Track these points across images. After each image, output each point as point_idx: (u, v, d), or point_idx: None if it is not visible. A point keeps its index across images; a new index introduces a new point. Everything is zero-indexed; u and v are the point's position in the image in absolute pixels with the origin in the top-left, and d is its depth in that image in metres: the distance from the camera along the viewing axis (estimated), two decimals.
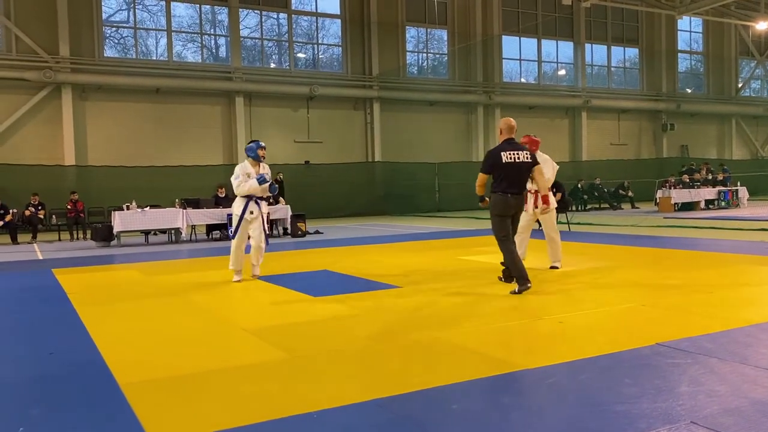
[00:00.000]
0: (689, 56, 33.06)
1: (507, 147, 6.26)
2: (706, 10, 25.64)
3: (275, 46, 24.33)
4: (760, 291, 6.00)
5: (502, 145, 6.32)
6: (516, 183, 6.25)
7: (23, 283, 8.06)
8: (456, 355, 3.99)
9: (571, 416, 2.91)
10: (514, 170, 6.19)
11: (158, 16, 21.88)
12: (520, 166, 6.24)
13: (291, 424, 2.90)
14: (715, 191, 20.94)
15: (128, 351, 4.39)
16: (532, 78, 28.73)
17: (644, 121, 30.76)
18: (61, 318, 5.63)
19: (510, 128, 6.38)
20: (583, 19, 28.60)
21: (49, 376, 3.83)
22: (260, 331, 4.85)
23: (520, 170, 6.24)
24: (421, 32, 26.32)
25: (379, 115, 24.38)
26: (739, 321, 4.59)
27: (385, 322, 5.02)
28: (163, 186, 19.15)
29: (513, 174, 6.20)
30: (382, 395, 3.23)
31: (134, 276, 8.46)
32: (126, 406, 3.20)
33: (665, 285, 6.33)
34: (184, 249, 12.36)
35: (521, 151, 6.27)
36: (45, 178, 18.59)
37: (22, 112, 19.36)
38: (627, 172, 26.49)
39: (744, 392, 3.10)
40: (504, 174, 6.19)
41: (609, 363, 3.69)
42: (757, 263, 7.68)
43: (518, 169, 6.22)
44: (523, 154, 6.26)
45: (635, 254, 9.02)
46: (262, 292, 6.74)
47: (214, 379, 3.65)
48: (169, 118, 21.31)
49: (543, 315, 5.05)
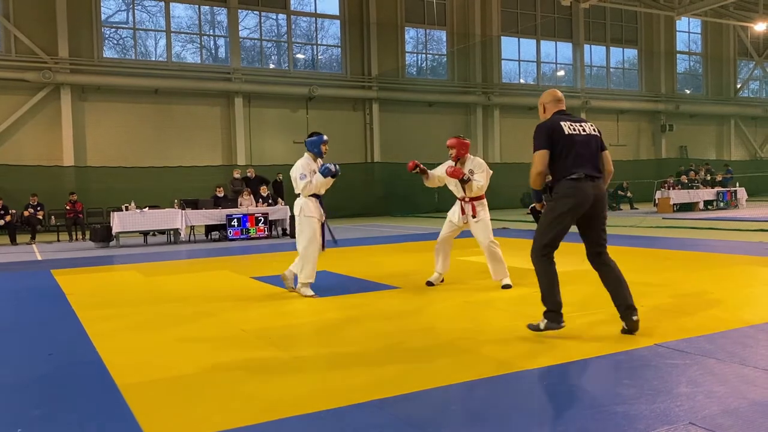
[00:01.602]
0: (688, 57, 33.10)
1: (564, 118, 4.44)
2: (704, 11, 25.67)
3: (274, 46, 24.33)
4: (759, 292, 6.00)
5: (556, 116, 4.45)
6: (590, 161, 4.32)
7: (22, 284, 8.06)
8: (455, 356, 3.99)
9: (570, 417, 2.91)
10: (583, 145, 4.32)
11: (157, 17, 21.88)
12: (589, 141, 4.36)
13: (291, 424, 2.90)
14: (714, 192, 20.97)
15: (127, 352, 4.38)
16: (531, 79, 28.75)
17: (643, 122, 30.78)
18: (59, 319, 5.63)
19: (557, 99, 4.57)
20: (582, 20, 28.62)
21: (48, 376, 3.83)
22: (259, 331, 4.84)
23: (589, 146, 4.35)
24: (420, 33, 26.34)
25: (378, 116, 24.39)
26: (737, 322, 4.60)
27: (384, 322, 5.02)
28: (162, 186, 19.16)
29: (583, 150, 4.31)
30: (382, 395, 3.23)
31: (133, 277, 8.46)
32: (125, 407, 3.20)
33: (664, 285, 6.33)
34: (183, 250, 12.36)
35: (585, 123, 4.46)
36: (44, 178, 18.60)
37: (21, 113, 19.36)
38: (626, 173, 26.46)
39: (743, 393, 3.10)
40: (568, 151, 4.28)
41: (607, 364, 3.69)
42: (755, 264, 7.69)
43: (587, 144, 4.34)
44: (589, 126, 4.46)
45: (634, 255, 9.03)
46: (262, 293, 6.74)
47: (212, 379, 3.65)
48: (168, 119, 21.31)
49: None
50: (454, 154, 6.44)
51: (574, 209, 4.25)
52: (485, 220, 6.40)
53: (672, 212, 19.29)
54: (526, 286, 6.45)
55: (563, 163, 4.27)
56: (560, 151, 4.28)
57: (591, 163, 4.31)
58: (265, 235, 14.24)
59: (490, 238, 6.36)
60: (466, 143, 6.51)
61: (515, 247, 10.57)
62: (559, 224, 4.29)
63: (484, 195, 6.39)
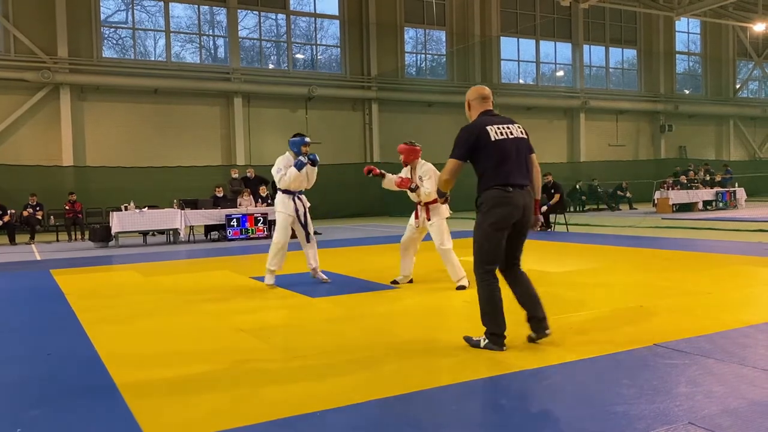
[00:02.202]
0: (687, 57, 33.11)
1: (491, 120, 4.19)
2: (704, 11, 25.70)
3: (274, 46, 24.32)
4: (758, 292, 6.01)
5: (483, 119, 4.23)
6: (518, 169, 4.10)
7: (21, 284, 8.05)
8: (455, 356, 3.99)
9: (569, 417, 2.91)
10: (511, 151, 4.09)
11: (157, 17, 21.87)
12: (517, 146, 4.13)
13: (291, 424, 2.90)
14: (713, 192, 20.99)
15: (126, 352, 4.38)
16: (530, 79, 28.76)
17: (642, 122, 30.80)
18: (59, 319, 5.62)
19: (483, 97, 4.38)
20: (582, 21, 28.63)
21: (47, 376, 3.83)
22: (258, 331, 4.85)
23: (518, 152, 4.13)
24: (420, 33, 26.34)
25: (377, 116, 24.39)
26: (737, 322, 4.60)
27: (383, 322, 5.02)
28: (161, 186, 19.15)
29: (511, 156, 4.08)
30: (381, 396, 3.23)
31: (132, 276, 8.45)
32: (124, 406, 3.20)
33: (663, 286, 6.34)
34: (183, 250, 12.35)
35: (512, 125, 4.21)
36: (43, 178, 18.59)
37: (20, 113, 19.34)
38: (625, 173, 26.53)
39: (742, 393, 3.10)
40: (496, 158, 4.04)
41: (607, 364, 3.70)
42: (754, 264, 7.69)
43: (516, 149, 4.12)
44: (516, 129, 4.20)
45: (633, 255, 9.03)
46: (261, 293, 6.74)
47: (212, 379, 3.65)
48: (168, 119, 21.30)
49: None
50: (403, 159, 6.68)
51: (504, 220, 4.01)
52: (438, 224, 6.51)
53: (671, 212, 19.30)
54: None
55: (491, 172, 4.04)
56: (486, 158, 4.05)
57: (519, 170, 4.09)
58: (265, 235, 14.24)
59: (442, 242, 6.47)
60: (416, 149, 6.66)
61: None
62: (494, 238, 4.03)
63: (440, 200, 6.30)
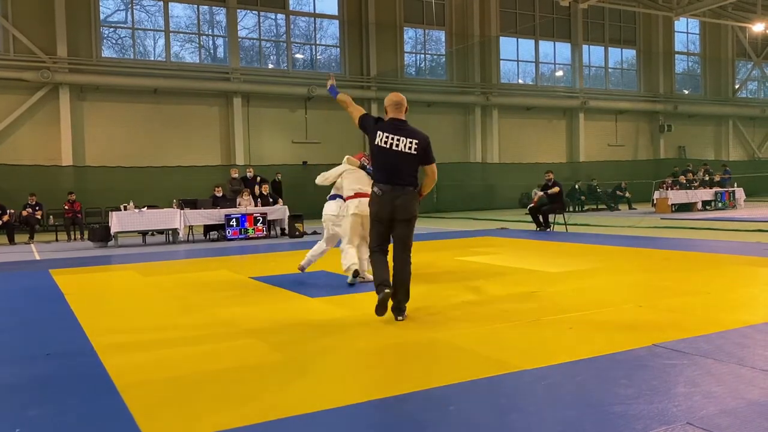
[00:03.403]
0: (686, 58, 33.14)
1: (390, 127, 4.78)
2: (703, 11, 25.71)
3: (273, 46, 24.33)
4: (757, 292, 6.01)
5: (385, 123, 4.85)
6: (394, 174, 4.77)
7: (20, 284, 8.05)
8: (454, 356, 3.99)
9: (568, 417, 2.92)
10: (390, 158, 4.74)
11: (156, 17, 21.88)
12: (398, 156, 4.74)
13: (290, 424, 2.91)
14: (712, 192, 21.00)
15: (125, 352, 4.38)
16: (529, 79, 28.77)
17: (641, 123, 30.83)
18: (58, 318, 5.62)
19: (395, 104, 4.87)
20: (581, 21, 28.66)
21: (46, 377, 3.83)
22: (258, 331, 4.85)
23: (400, 160, 4.75)
24: (419, 33, 26.35)
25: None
26: (735, 322, 4.61)
27: (383, 321, 5.02)
28: (160, 186, 19.16)
29: (389, 162, 4.75)
30: (380, 396, 3.24)
31: (132, 276, 8.45)
32: (123, 407, 3.20)
33: (662, 286, 6.35)
34: (182, 249, 12.35)
35: (408, 139, 4.74)
36: (42, 178, 18.60)
37: (19, 113, 19.35)
38: (624, 173, 26.56)
39: (740, 393, 3.11)
40: (376, 160, 4.81)
41: (606, 364, 3.70)
42: (753, 264, 7.70)
43: (395, 158, 4.75)
44: (408, 144, 4.73)
45: (632, 255, 9.04)
46: (260, 293, 6.74)
47: (211, 379, 3.65)
48: (167, 119, 21.31)
49: (540, 316, 5.05)
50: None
51: (376, 215, 4.84)
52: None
53: (670, 212, 19.32)
54: (526, 285, 6.48)
55: (374, 171, 4.87)
56: (372, 157, 4.82)
57: (396, 175, 4.71)
58: (264, 234, 14.25)
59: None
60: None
61: (515, 246, 10.59)
62: (373, 228, 4.93)
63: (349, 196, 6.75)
